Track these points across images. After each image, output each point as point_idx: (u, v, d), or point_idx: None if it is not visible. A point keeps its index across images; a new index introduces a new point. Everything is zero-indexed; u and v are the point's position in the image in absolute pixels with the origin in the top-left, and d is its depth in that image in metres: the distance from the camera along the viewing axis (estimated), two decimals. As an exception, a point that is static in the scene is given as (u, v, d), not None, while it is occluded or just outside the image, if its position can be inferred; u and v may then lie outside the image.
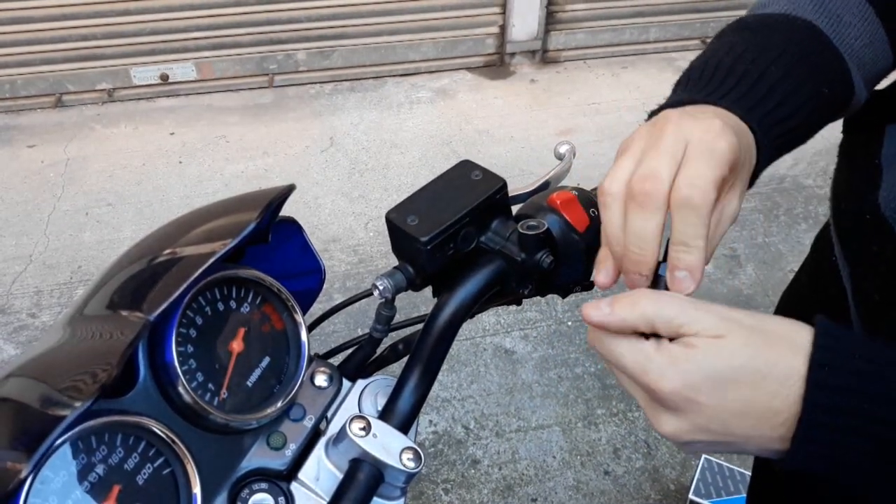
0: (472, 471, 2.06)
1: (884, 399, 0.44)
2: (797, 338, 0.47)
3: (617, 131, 3.31)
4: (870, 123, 0.70)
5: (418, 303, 2.27)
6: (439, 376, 2.29)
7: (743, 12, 0.71)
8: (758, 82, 0.59)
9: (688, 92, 0.60)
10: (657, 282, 0.54)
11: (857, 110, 0.73)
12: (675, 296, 0.50)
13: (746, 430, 0.48)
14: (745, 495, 1.80)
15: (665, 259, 0.53)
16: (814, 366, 0.46)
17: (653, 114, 0.60)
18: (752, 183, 0.61)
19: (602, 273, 0.56)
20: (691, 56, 0.66)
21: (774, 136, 0.59)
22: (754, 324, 0.48)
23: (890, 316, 0.62)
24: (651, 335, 0.51)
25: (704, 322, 0.48)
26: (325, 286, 0.76)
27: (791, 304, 0.93)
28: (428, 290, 0.70)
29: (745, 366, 0.46)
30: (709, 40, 0.70)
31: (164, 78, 3.54)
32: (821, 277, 0.83)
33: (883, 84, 0.72)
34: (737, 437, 0.49)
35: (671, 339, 0.49)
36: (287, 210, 0.66)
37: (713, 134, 0.52)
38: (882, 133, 0.67)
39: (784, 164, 3.15)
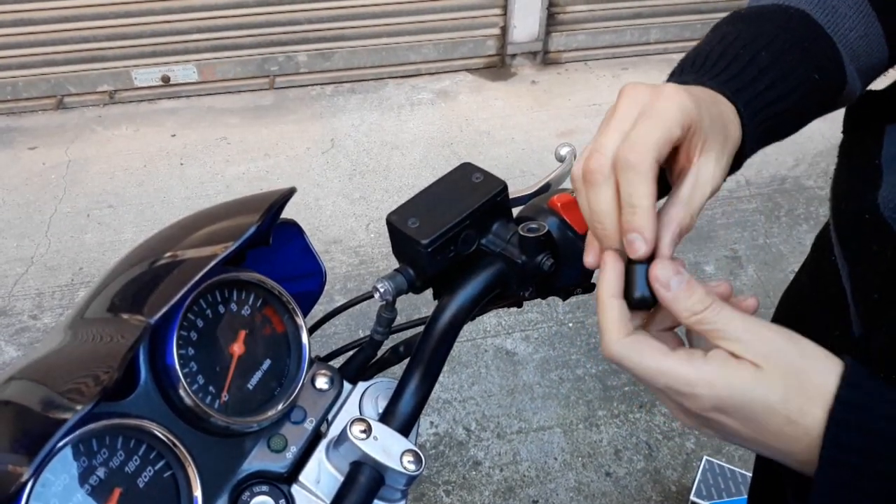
0: (474, 472, 2.06)
1: None
2: (829, 388, 0.47)
3: (618, 132, 3.32)
4: (870, 124, 0.70)
5: (419, 304, 2.27)
6: (440, 378, 2.30)
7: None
8: (747, 66, 0.59)
9: (679, 79, 0.60)
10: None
11: (857, 110, 0.73)
12: (727, 307, 0.49)
13: (765, 452, 0.49)
14: (746, 497, 1.80)
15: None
16: (832, 423, 0.46)
17: None
18: (739, 164, 0.61)
19: (590, 255, 0.56)
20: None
21: (762, 119, 0.59)
22: (795, 362, 0.47)
23: (889, 315, 0.62)
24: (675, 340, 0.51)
25: (749, 346, 0.48)
26: (326, 288, 0.76)
27: (791, 304, 0.93)
28: (429, 292, 0.70)
29: (778, 407, 0.47)
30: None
31: (166, 80, 3.55)
32: (821, 277, 0.83)
33: (882, 84, 0.72)
34: (755, 450, 0.50)
35: (705, 350, 0.49)
36: (288, 212, 0.66)
37: (662, 98, 0.51)
38: (882, 133, 0.67)
39: (785, 165, 3.15)
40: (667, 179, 0.56)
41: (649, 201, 0.49)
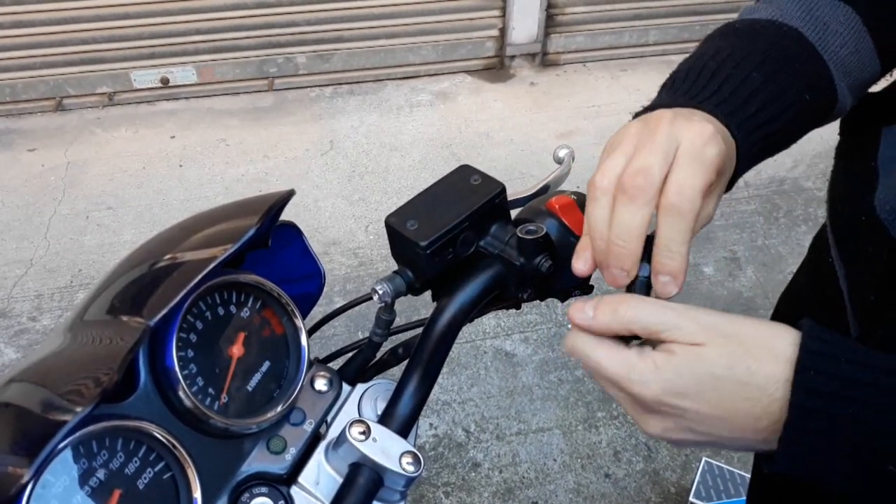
0: (473, 474, 2.06)
1: (869, 406, 0.45)
2: (777, 344, 0.48)
3: (617, 134, 3.32)
4: (866, 126, 0.70)
5: (419, 306, 2.27)
6: (439, 379, 2.31)
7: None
8: (739, 88, 0.60)
9: (671, 95, 0.61)
10: (636, 281, 0.55)
11: (854, 112, 0.73)
12: (655, 302, 0.51)
13: (730, 434, 0.49)
14: (745, 498, 1.80)
15: (646, 259, 0.54)
16: (800, 369, 0.46)
17: (637, 115, 0.61)
18: (731, 185, 0.62)
19: (580, 261, 0.57)
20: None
21: (753, 141, 0.60)
22: (733, 331, 0.49)
23: (886, 317, 0.62)
24: (631, 338, 0.52)
25: (684, 329, 0.49)
26: (325, 289, 0.76)
27: (789, 306, 0.94)
28: (427, 294, 0.70)
29: (725, 374, 0.48)
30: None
31: (165, 81, 3.55)
32: (818, 279, 0.83)
33: (879, 87, 0.73)
34: (722, 438, 0.50)
35: (653, 346, 0.51)
36: (287, 213, 0.66)
37: (704, 139, 0.53)
38: (878, 136, 0.67)
39: (784, 167, 3.16)
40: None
41: (687, 248, 0.51)
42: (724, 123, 0.58)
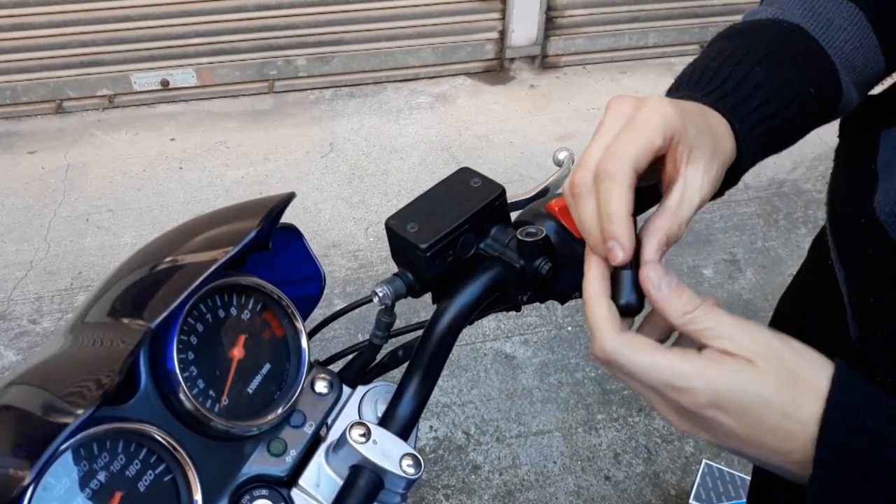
0: (473, 476, 2.06)
1: (893, 460, 0.44)
2: (822, 384, 0.47)
3: (616, 136, 3.32)
4: (866, 128, 0.70)
5: (418, 308, 2.27)
6: (439, 382, 2.30)
7: (741, 16, 0.72)
8: (742, 82, 0.60)
9: (673, 95, 0.61)
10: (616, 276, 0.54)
11: (853, 115, 0.74)
12: (717, 309, 0.50)
13: (757, 454, 0.49)
14: (745, 500, 1.80)
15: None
16: (825, 425, 0.46)
17: None
18: (736, 179, 0.62)
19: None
20: (690, 61, 0.67)
21: (758, 135, 0.60)
22: (787, 357, 0.48)
23: (885, 318, 0.62)
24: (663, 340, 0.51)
25: (738, 342, 0.48)
26: (325, 292, 0.76)
27: (788, 308, 0.94)
28: (428, 296, 0.70)
29: (773, 399, 0.47)
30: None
31: (165, 84, 3.55)
32: (818, 280, 0.83)
33: (878, 89, 0.73)
34: (747, 454, 0.49)
35: (697, 348, 0.50)
36: (287, 216, 0.66)
37: (645, 109, 0.52)
38: (878, 138, 0.68)
39: (783, 169, 3.16)
40: (659, 192, 0.56)
41: (624, 209, 0.50)
42: (728, 118, 0.58)
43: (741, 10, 3.97)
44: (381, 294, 0.64)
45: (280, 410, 0.62)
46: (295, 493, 0.60)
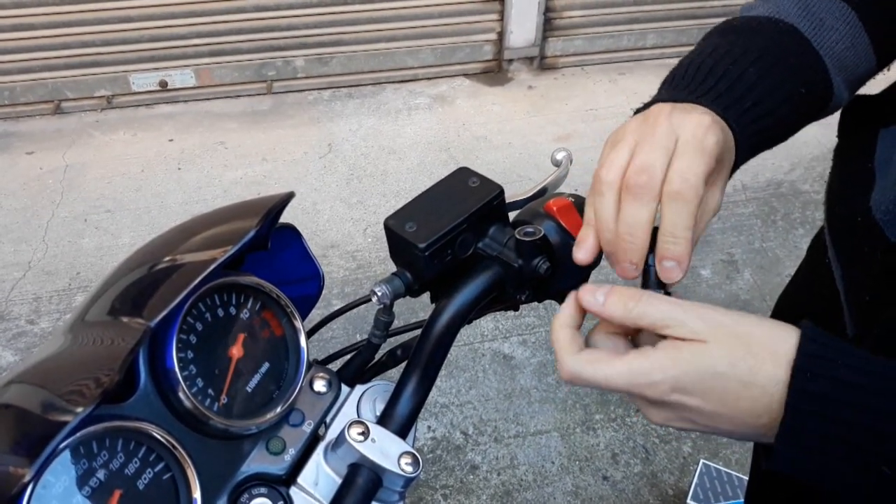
0: (471, 476, 2.06)
1: (864, 408, 0.46)
2: (780, 346, 0.49)
3: (614, 137, 3.33)
4: (864, 128, 0.71)
5: (417, 309, 2.27)
6: (438, 382, 2.30)
7: (739, 15, 0.73)
8: (736, 83, 0.62)
9: (671, 91, 0.63)
10: (647, 272, 0.56)
11: (852, 114, 0.74)
12: (663, 298, 0.52)
13: (731, 427, 0.51)
14: (742, 500, 1.81)
15: (652, 250, 0.55)
16: (796, 372, 0.47)
17: (638, 111, 0.63)
18: (729, 176, 0.63)
19: (582, 251, 0.58)
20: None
21: (750, 134, 0.62)
22: (738, 329, 0.50)
23: (882, 316, 0.62)
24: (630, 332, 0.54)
25: (689, 326, 0.50)
26: (323, 292, 0.76)
27: (786, 307, 0.94)
28: (426, 297, 0.70)
29: (728, 372, 0.49)
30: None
31: (163, 85, 3.55)
32: (815, 279, 0.83)
33: (876, 89, 0.73)
34: (723, 430, 0.52)
35: (653, 344, 0.52)
36: (286, 216, 0.66)
37: (703, 129, 0.55)
38: (875, 137, 0.68)
39: (781, 170, 3.16)
40: None
41: (691, 233, 0.53)
42: (722, 117, 0.60)
43: (737, 12, 3.97)
44: (379, 293, 0.64)
45: (279, 409, 0.62)
46: (294, 491, 0.60)
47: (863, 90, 0.75)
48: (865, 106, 0.73)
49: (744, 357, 0.49)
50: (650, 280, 0.56)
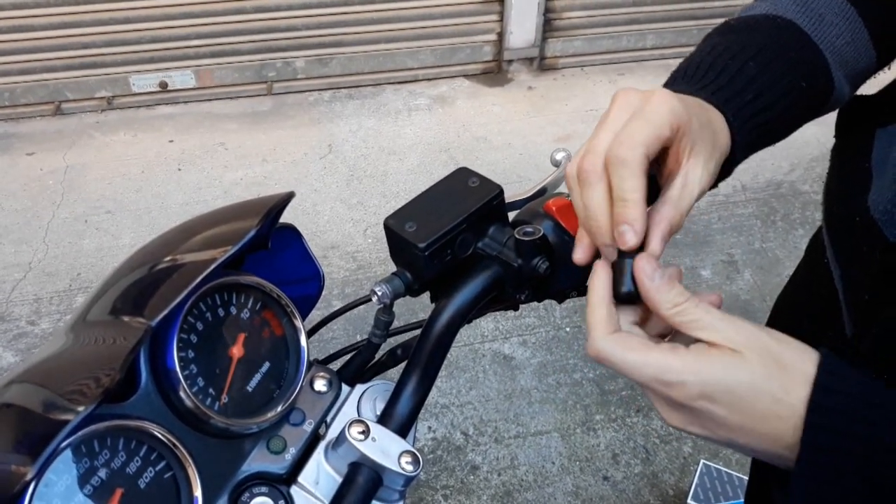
0: (472, 477, 2.06)
1: (878, 441, 0.46)
2: (807, 368, 0.48)
3: (614, 138, 3.33)
4: (861, 128, 0.71)
5: (417, 309, 2.28)
6: (438, 382, 2.29)
7: (738, 16, 0.74)
8: (736, 77, 0.62)
9: (669, 88, 0.62)
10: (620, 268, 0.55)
11: (849, 114, 0.74)
12: (706, 307, 0.51)
13: (750, 443, 0.50)
14: (742, 500, 1.81)
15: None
16: (812, 407, 0.47)
17: None
18: (729, 171, 0.63)
19: (578, 250, 0.59)
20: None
21: (751, 128, 0.62)
22: (771, 346, 0.49)
23: (880, 315, 0.63)
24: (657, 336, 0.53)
25: (724, 333, 0.50)
26: (323, 293, 0.76)
27: (785, 307, 0.94)
28: (426, 298, 0.70)
29: (762, 387, 0.48)
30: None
31: (164, 86, 3.55)
32: (814, 279, 0.84)
33: (873, 89, 0.74)
34: (740, 444, 0.51)
35: (686, 344, 0.51)
36: (286, 217, 0.67)
37: (653, 100, 0.54)
38: (872, 137, 0.68)
39: (781, 170, 3.17)
40: (657, 183, 0.57)
41: (639, 194, 0.52)
42: (722, 111, 0.60)
43: (735, 13, 3.98)
44: (379, 293, 0.65)
45: (279, 408, 0.62)
46: (294, 490, 0.60)
47: (860, 90, 0.75)
48: (862, 106, 0.74)
49: (779, 374, 0.48)
50: (623, 277, 0.54)
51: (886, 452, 0.46)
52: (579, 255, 0.58)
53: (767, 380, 0.48)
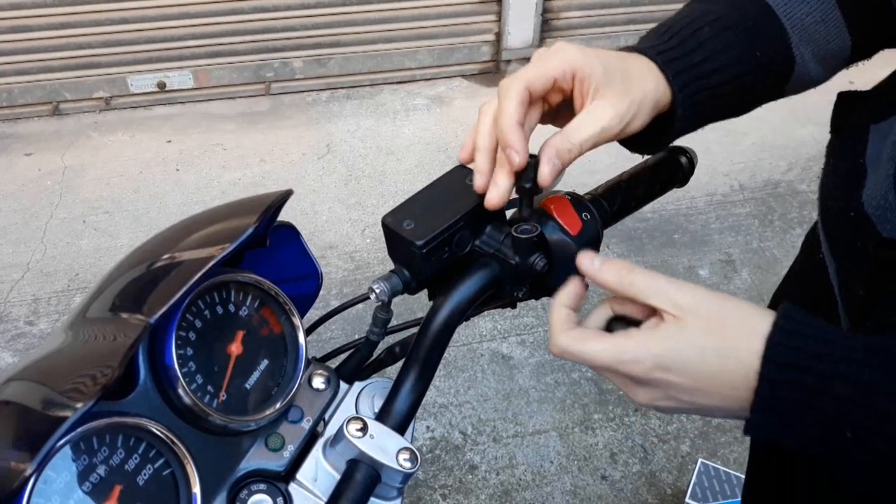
0: (470, 476, 2.06)
1: (829, 377, 0.49)
2: (755, 322, 0.52)
3: (612, 138, 3.33)
4: (855, 124, 0.71)
5: (416, 310, 2.28)
6: (436, 382, 2.29)
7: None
8: (687, 39, 0.66)
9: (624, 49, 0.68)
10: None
11: (844, 111, 0.75)
12: (654, 273, 0.57)
13: (711, 401, 0.54)
14: (740, 499, 1.81)
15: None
16: (769, 345, 0.51)
17: None
18: (672, 134, 0.67)
19: (480, 179, 0.65)
20: None
21: (697, 89, 0.65)
22: (716, 306, 0.54)
23: (875, 310, 0.63)
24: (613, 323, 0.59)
25: (673, 297, 0.54)
26: (322, 293, 0.77)
27: (782, 301, 0.95)
28: (425, 298, 0.70)
29: (705, 346, 0.52)
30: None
31: (162, 86, 3.55)
32: (809, 275, 0.84)
33: (868, 85, 0.74)
34: (703, 406, 0.54)
35: (637, 325, 0.57)
36: (284, 217, 0.67)
37: (551, 49, 0.63)
38: (867, 133, 0.69)
39: (778, 170, 3.17)
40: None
41: (514, 118, 0.61)
42: (663, 70, 0.64)
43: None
44: (377, 290, 0.65)
45: (278, 406, 0.62)
46: (293, 487, 0.60)
47: (856, 86, 0.76)
48: (857, 102, 0.74)
49: (720, 330, 0.52)
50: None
51: (838, 384, 0.49)
52: (480, 181, 0.65)
53: (709, 336, 0.52)
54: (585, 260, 0.60)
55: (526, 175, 0.63)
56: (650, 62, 0.65)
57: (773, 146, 3.30)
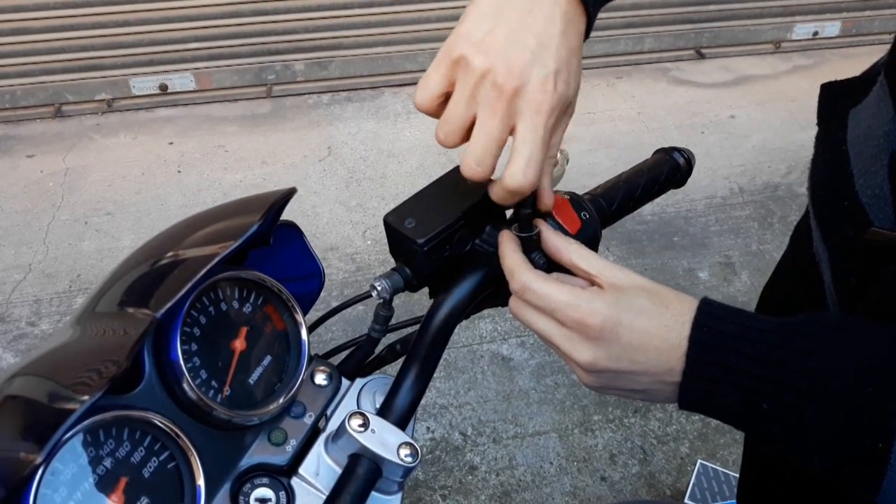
0: (470, 477, 2.07)
1: (746, 355, 0.54)
2: (685, 305, 0.58)
3: (612, 141, 3.33)
4: (836, 111, 0.73)
5: (416, 310, 2.28)
6: (436, 383, 2.30)
7: (735, 22, 0.74)
8: None
9: None
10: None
11: (827, 99, 0.76)
12: (595, 256, 0.63)
13: (648, 360, 0.58)
14: (739, 500, 1.82)
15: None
16: (695, 326, 0.56)
17: None
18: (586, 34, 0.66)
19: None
20: (686, 66, 0.70)
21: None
22: (648, 285, 0.60)
23: (867, 299, 0.64)
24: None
25: (613, 273, 0.60)
26: (323, 294, 0.77)
27: (771, 296, 0.96)
28: (425, 298, 0.71)
29: (648, 305, 0.58)
30: (703, 51, 0.73)
31: (163, 88, 3.57)
32: (799, 266, 0.85)
33: (850, 73, 0.75)
34: (639, 365, 0.58)
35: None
36: (285, 218, 0.68)
37: None
38: (846, 118, 0.70)
39: (778, 173, 3.18)
40: None
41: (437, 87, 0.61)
42: None
43: (736, 15, 4.01)
44: (379, 288, 0.66)
45: (281, 401, 0.63)
46: (295, 481, 0.61)
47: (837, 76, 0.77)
48: (838, 89, 0.75)
49: (657, 295, 0.59)
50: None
51: (750, 362, 0.54)
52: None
53: (650, 297, 0.58)
54: (551, 235, 0.65)
55: (525, 202, 0.64)
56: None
57: (772, 149, 3.32)
